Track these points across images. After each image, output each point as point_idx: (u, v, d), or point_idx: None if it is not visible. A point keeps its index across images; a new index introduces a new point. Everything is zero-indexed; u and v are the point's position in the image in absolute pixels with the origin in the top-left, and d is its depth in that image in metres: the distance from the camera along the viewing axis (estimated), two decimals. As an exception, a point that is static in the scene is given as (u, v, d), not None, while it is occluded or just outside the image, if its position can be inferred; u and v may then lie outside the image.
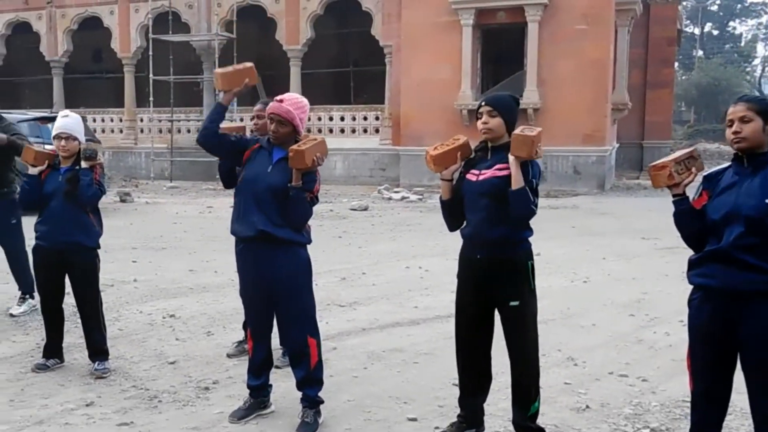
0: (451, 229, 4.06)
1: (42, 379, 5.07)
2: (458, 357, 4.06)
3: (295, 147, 4.03)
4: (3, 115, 6.95)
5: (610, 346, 5.89)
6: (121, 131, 23.89)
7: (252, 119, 5.28)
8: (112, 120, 24.31)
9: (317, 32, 21.65)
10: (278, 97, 4.22)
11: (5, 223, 6.74)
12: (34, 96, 26.76)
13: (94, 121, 23.97)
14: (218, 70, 4.34)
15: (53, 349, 5.34)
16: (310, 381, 4.28)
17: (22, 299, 6.81)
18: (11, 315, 6.60)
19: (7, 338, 6.04)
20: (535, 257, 3.89)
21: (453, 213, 3.99)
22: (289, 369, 4.57)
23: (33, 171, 5.14)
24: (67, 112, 5.27)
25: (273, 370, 4.63)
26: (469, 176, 3.88)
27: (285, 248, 4.17)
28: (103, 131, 23.84)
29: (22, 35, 25.09)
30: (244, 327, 5.14)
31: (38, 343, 5.47)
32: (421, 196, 17.40)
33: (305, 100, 4.28)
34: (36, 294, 6.18)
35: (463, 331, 4.01)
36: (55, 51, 24.25)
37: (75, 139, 5.12)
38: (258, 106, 5.16)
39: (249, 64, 4.38)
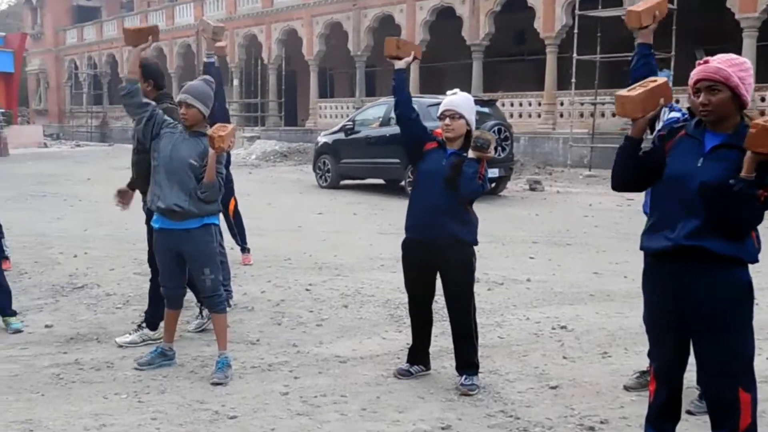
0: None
1: (402, 387, 4.73)
2: None
3: None
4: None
5: None
6: (539, 115, 23.82)
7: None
8: (530, 104, 24.39)
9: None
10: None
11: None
12: (454, 81, 28.06)
13: (511, 105, 24.29)
14: None
15: (419, 355, 5.01)
16: (735, 447, 3.18)
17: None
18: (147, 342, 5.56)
19: (378, 333, 5.89)
20: None
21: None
22: (705, 417, 3.59)
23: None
24: (456, 90, 4.87)
25: (684, 417, 3.62)
26: None
27: (714, 268, 3.16)
28: (520, 116, 24.04)
29: (444, 21, 26.49)
30: (650, 355, 4.16)
31: (408, 343, 5.12)
32: None
33: (747, 60, 3.23)
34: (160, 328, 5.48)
35: None
36: (477, 34, 25.13)
37: (461, 117, 4.67)
38: None
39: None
